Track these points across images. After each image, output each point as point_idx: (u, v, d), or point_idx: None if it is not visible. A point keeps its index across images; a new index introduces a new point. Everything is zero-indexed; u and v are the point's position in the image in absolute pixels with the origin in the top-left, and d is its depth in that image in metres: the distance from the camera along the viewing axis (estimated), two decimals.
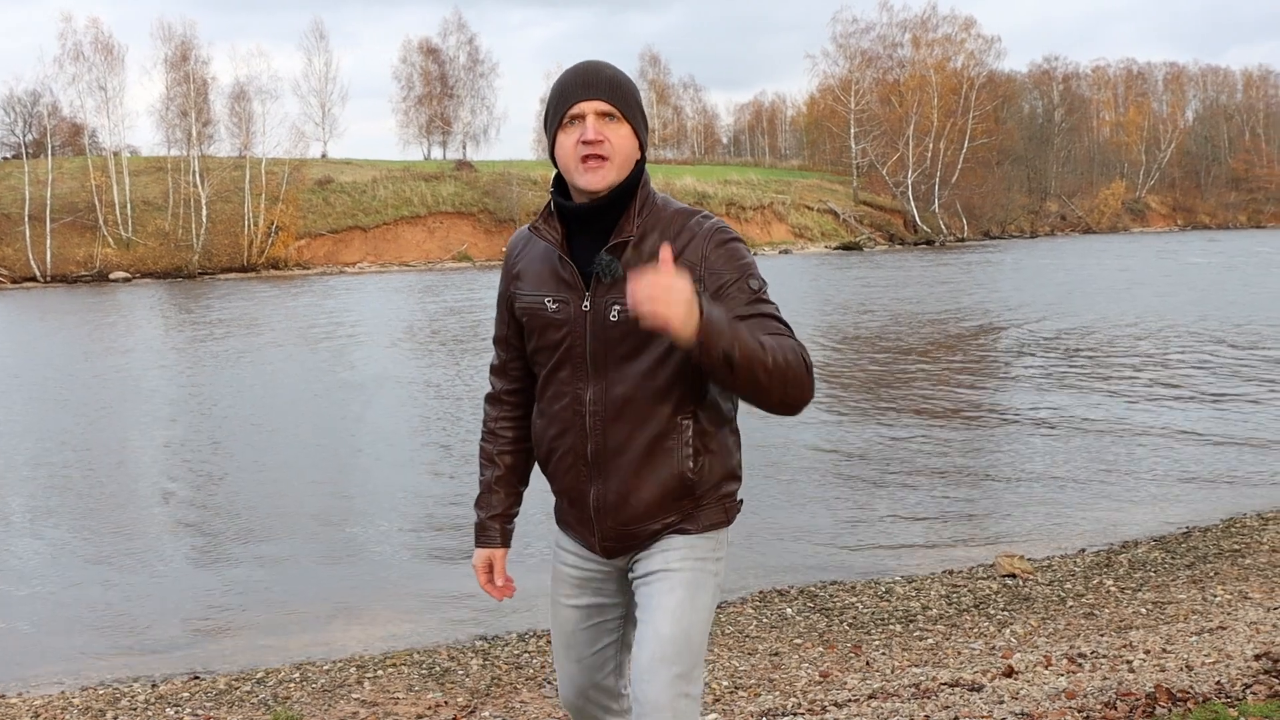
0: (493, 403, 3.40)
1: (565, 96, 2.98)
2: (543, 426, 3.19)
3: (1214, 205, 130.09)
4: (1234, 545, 8.93)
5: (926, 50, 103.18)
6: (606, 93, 2.98)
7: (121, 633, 8.07)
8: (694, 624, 3.04)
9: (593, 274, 2.98)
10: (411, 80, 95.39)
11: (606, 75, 3.01)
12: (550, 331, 3.07)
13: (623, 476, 3.05)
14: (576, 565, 3.26)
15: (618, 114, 2.98)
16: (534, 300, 3.10)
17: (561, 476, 3.17)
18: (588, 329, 3.00)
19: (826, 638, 6.93)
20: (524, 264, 3.16)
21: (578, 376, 3.05)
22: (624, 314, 2.87)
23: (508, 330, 3.27)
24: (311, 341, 27.36)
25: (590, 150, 2.94)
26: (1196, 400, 16.35)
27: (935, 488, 11.61)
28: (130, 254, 62.41)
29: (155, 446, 14.99)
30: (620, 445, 3.04)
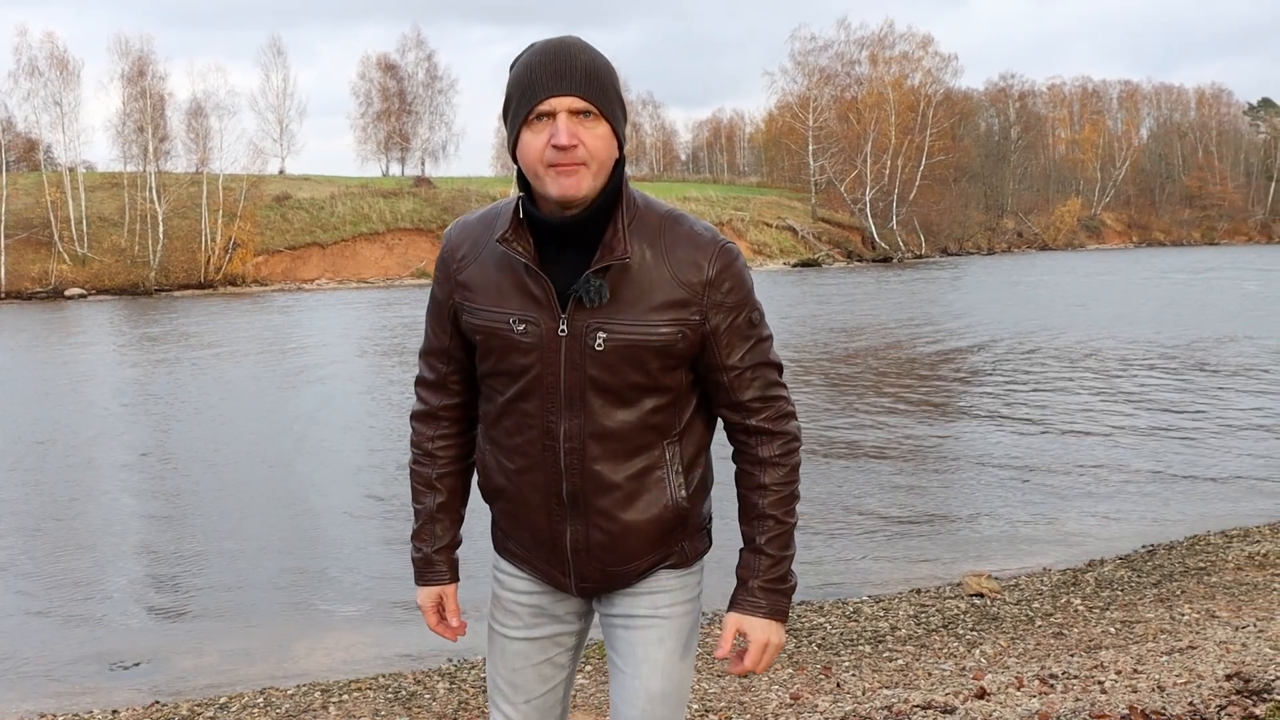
0: (427, 420, 2.93)
1: (532, 89, 2.52)
2: (498, 458, 2.79)
3: (1168, 222, 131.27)
4: (1199, 563, 8.95)
5: (884, 68, 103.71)
6: (582, 86, 2.51)
7: (78, 658, 7.93)
8: (685, 677, 2.87)
9: (571, 295, 2.58)
10: (370, 96, 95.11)
11: (582, 62, 2.53)
12: (515, 356, 2.65)
13: (610, 517, 2.71)
14: (529, 591, 2.90)
15: (595, 111, 2.53)
16: (494, 318, 2.66)
17: (526, 516, 2.78)
18: (563, 356, 2.61)
19: (795, 659, 6.89)
20: (474, 270, 2.71)
21: (549, 408, 2.66)
22: (610, 343, 2.59)
23: (449, 342, 2.83)
24: (270, 359, 27.17)
25: (562, 157, 2.49)
26: (1154, 415, 16.42)
27: (896, 506, 11.61)
28: (86, 270, 61.87)
29: (111, 466, 14.81)
30: (604, 483, 2.69)
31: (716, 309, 2.65)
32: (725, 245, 2.68)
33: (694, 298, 2.62)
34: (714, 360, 2.69)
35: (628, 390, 2.65)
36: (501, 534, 2.93)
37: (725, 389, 2.74)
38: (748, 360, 2.71)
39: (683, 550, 2.83)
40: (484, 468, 2.86)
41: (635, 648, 2.82)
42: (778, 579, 2.76)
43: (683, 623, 2.85)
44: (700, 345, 2.67)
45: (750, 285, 2.75)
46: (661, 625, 2.82)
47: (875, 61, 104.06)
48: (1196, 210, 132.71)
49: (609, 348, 2.60)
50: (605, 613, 2.91)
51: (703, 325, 2.64)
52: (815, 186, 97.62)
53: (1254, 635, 6.61)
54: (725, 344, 2.68)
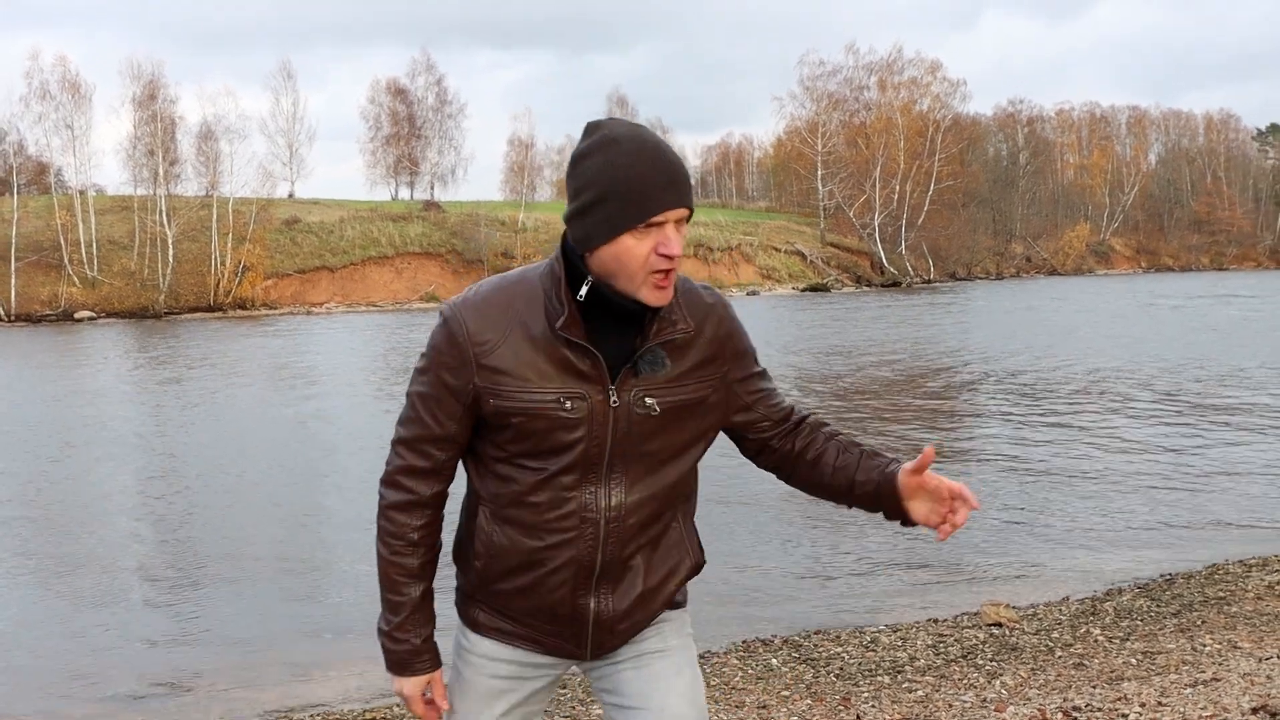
0: (412, 510, 2.81)
1: (647, 197, 2.51)
2: (512, 537, 2.73)
3: (1177, 247, 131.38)
4: (1219, 593, 8.86)
5: (893, 93, 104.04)
6: (688, 198, 2.57)
7: (78, 686, 7.84)
8: (704, 702, 2.90)
9: (624, 367, 2.62)
10: (379, 120, 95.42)
11: (684, 173, 2.58)
12: (560, 433, 2.62)
13: (637, 583, 2.77)
14: (513, 675, 2.87)
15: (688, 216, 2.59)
16: (539, 399, 2.60)
17: (545, 593, 2.74)
18: (612, 427, 2.63)
19: (814, 689, 6.82)
20: (501, 354, 2.62)
21: (589, 480, 2.66)
22: (662, 405, 2.66)
23: (456, 429, 2.73)
24: (279, 383, 27.16)
25: (668, 265, 2.53)
26: (1165, 442, 16.34)
27: (910, 533, 11.50)
28: (96, 293, 62.05)
29: (118, 489, 14.78)
30: (633, 550, 2.74)
31: (734, 358, 2.80)
32: (723, 300, 2.82)
33: (716, 354, 2.75)
34: (743, 401, 2.85)
35: (669, 454, 2.73)
36: (489, 614, 2.88)
37: (764, 416, 2.88)
38: (767, 387, 2.89)
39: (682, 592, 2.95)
40: (494, 550, 2.77)
41: (654, 683, 2.83)
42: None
43: (688, 654, 2.91)
44: (727, 394, 2.80)
45: (742, 328, 2.87)
46: (674, 655, 2.87)
47: (884, 87, 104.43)
48: (1205, 236, 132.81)
49: (662, 411, 2.67)
50: (608, 663, 2.90)
51: (727, 376, 2.78)
52: (824, 211, 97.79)
53: (1279, 667, 6.53)
54: (747, 384, 2.84)
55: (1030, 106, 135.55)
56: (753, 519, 11.99)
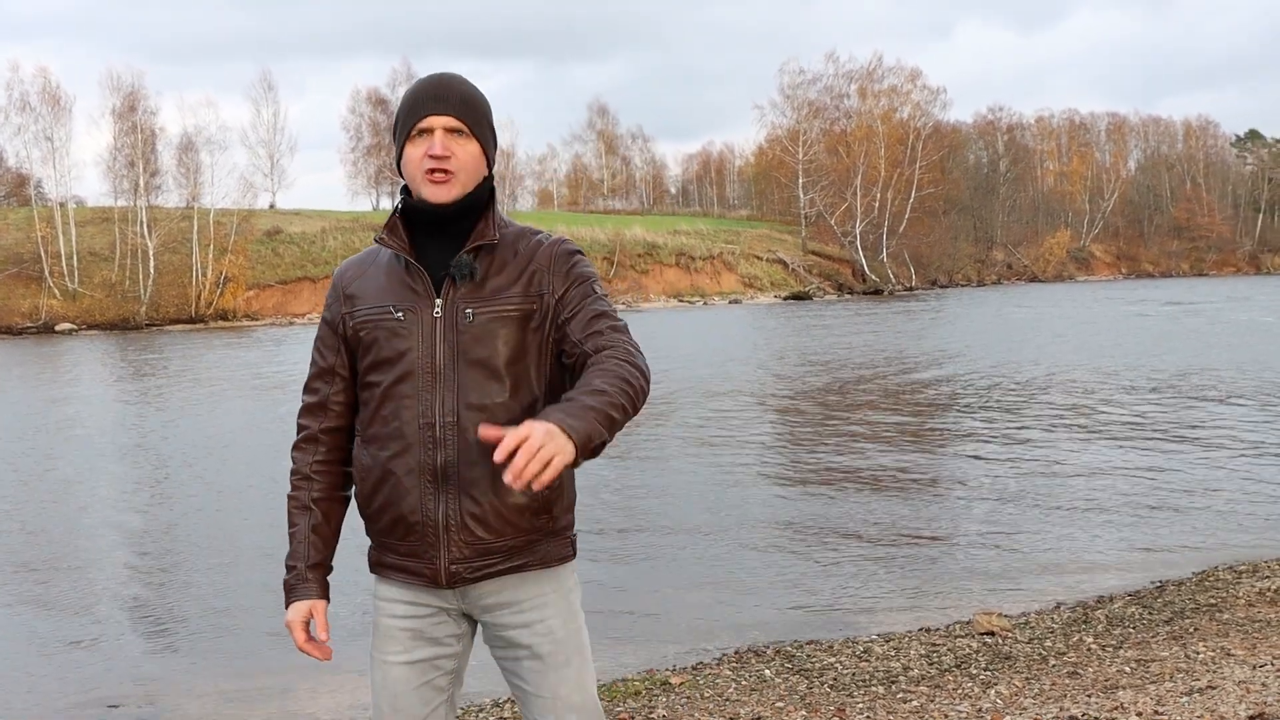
0: (308, 445, 3.19)
1: (415, 109, 2.97)
2: (372, 453, 3.01)
3: (1157, 254, 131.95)
4: (1210, 600, 8.86)
5: (873, 101, 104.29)
6: (456, 108, 2.96)
7: (72, 702, 7.78)
8: (593, 681, 3.13)
9: (443, 279, 2.95)
10: (360, 131, 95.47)
11: (458, 90, 2.99)
12: (395, 341, 2.96)
13: (480, 487, 2.92)
14: (407, 614, 3.09)
15: (466, 130, 2.97)
16: (376, 311, 3.00)
17: (398, 501, 2.96)
18: (439, 334, 2.93)
19: (809, 700, 6.79)
20: (359, 284, 3.07)
21: (424, 387, 2.93)
22: (477, 316, 2.93)
23: (335, 359, 3.13)
24: (259, 394, 27.09)
25: (436, 164, 2.92)
26: (1147, 448, 16.37)
27: (898, 541, 11.52)
28: (76, 305, 61.82)
29: (101, 503, 14.67)
30: (476, 454, 2.89)
31: (561, 280, 3.00)
32: (564, 240, 3.09)
33: (541, 276, 2.99)
34: (559, 319, 2.99)
35: (496, 363, 2.94)
36: (376, 550, 3.14)
37: (570, 337, 2.96)
38: (590, 313, 2.97)
39: (546, 551, 3.06)
40: (360, 470, 3.07)
41: (545, 673, 3.05)
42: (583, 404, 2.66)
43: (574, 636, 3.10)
44: (551, 316, 2.99)
45: (590, 268, 3.08)
46: (560, 646, 3.06)
47: (864, 95, 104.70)
48: (1185, 242, 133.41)
49: (477, 321, 2.93)
50: (500, 647, 3.12)
51: (549, 296, 2.98)
52: (805, 219, 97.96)
53: (1273, 674, 6.52)
54: (570, 303, 2.98)
55: (1010, 114, 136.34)
56: (741, 529, 11.97)
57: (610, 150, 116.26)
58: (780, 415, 21.16)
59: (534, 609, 3.07)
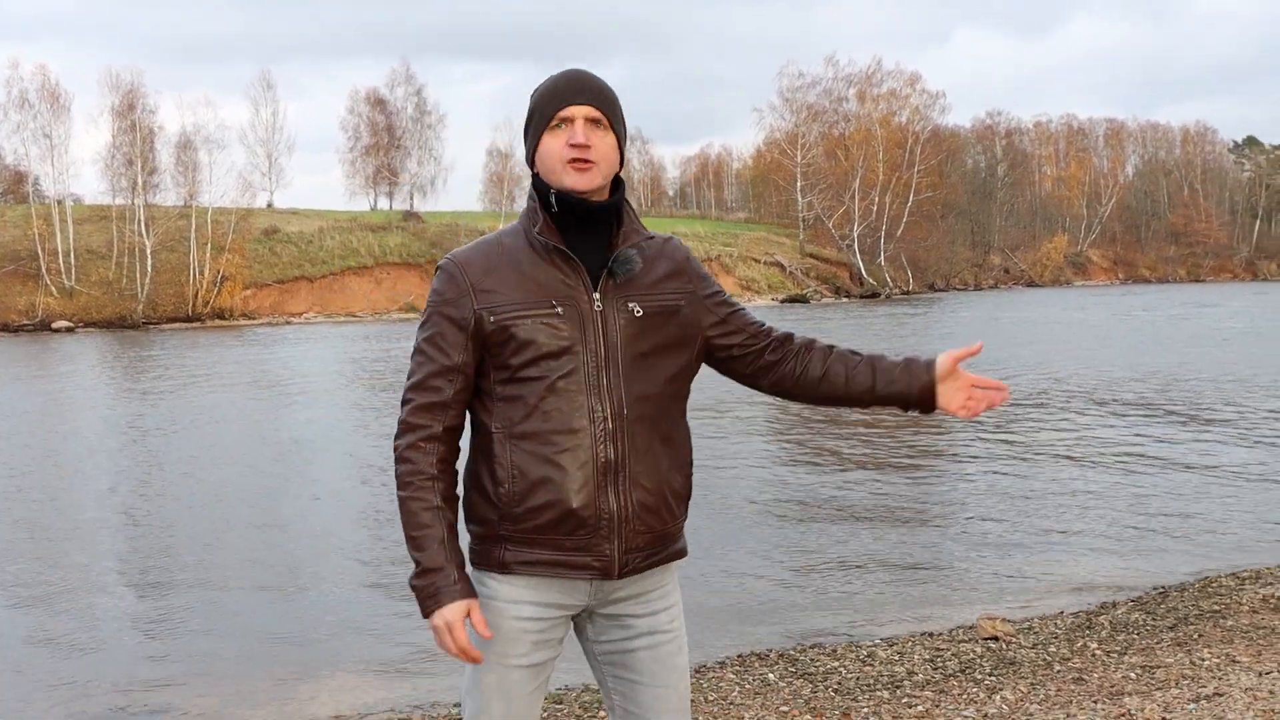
0: (430, 443, 2.99)
1: (555, 98, 2.97)
2: (532, 449, 2.91)
3: (1154, 259, 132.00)
4: (1213, 606, 8.83)
5: (872, 105, 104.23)
6: (596, 99, 2.98)
7: (69, 705, 7.75)
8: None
9: (600, 273, 2.95)
10: (359, 131, 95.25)
11: (596, 83, 3.02)
12: (556, 339, 2.89)
13: (650, 477, 2.97)
14: (534, 616, 3.00)
15: (605, 122, 2.98)
16: (529, 307, 2.91)
17: (567, 496, 2.89)
18: (602, 330, 2.93)
19: (813, 705, 6.75)
20: (494, 278, 2.96)
21: (591, 382, 2.92)
22: (641, 309, 2.97)
23: (462, 356, 2.97)
24: (258, 393, 27.04)
25: (579, 154, 2.91)
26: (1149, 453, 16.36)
27: (900, 544, 11.49)
28: (73, 303, 61.74)
29: (93, 501, 14.62)
30: (644, 446, 2.96)
31: (700, 279, 3.13)
32: (675, 238, 3.16)
33: (681, 270, 3.09)
34: (715, 315, 3.14)
35: (657, 356, 2.99)
36: (517, 548, 2.99)
37: (737, 331, 3.17)
38: (736, 305, 3.20)
39: (682, 540, 3.17)
40: (515, 470, 2.94)
41: (662, 662, 3.11)
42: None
43: (682, 630, 3.20)
44: (697, 311, 3.09)
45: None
46: (677, 636, 3.15)
47: (863, 98, 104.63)
48: (1182, 247, 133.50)
49: (643, 313, 2.97)
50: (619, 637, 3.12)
51: (695, 292, 3.09)
52: (803, 222, 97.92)
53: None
54: (714, 299, 3.14)
55: (1008, 119, 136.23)
56: (742, 531, 11.95)
57: None
58: (776, 418, 21.12)
59: (660, 598, 3.13)
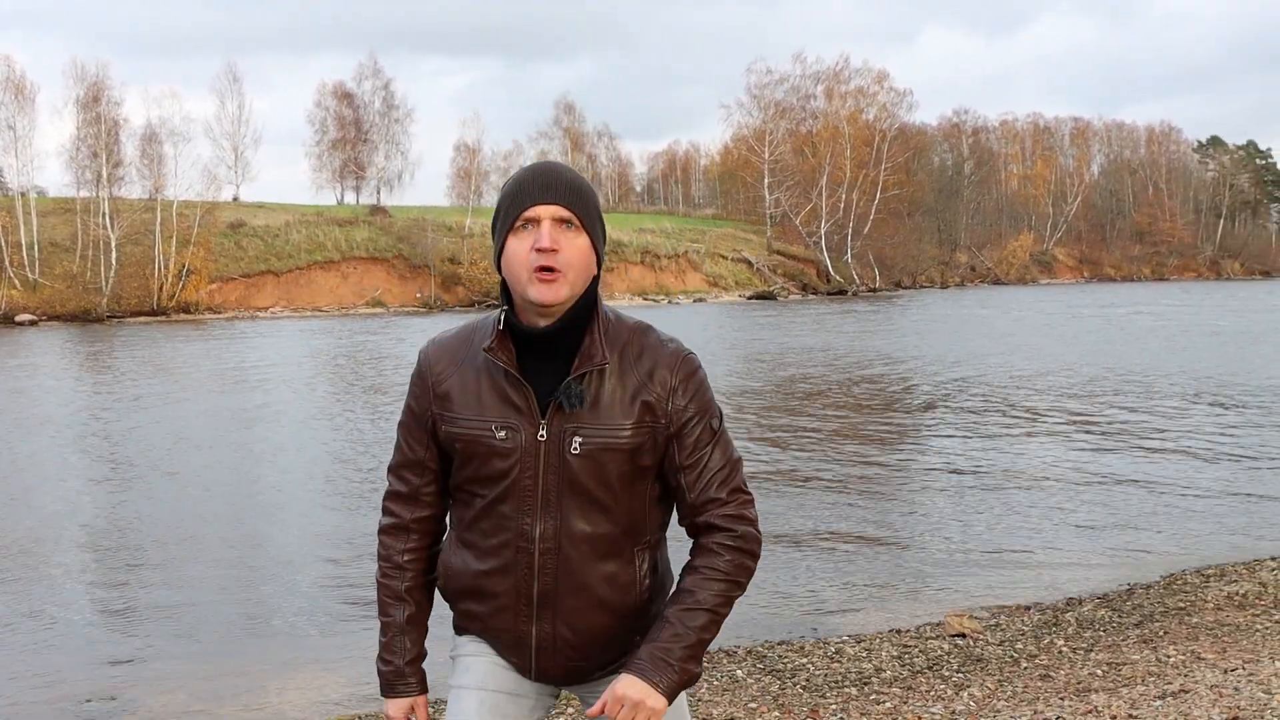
0: (397, 534, 2.99)
1: (520, 198, 2.72)
2: (467, 562, 2.88)
3: (1119, 258, 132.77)
4: (1179, 603, 8.89)
5: (839, 102, 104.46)
6: (566, 197, 2.72)
7: (38, 701, 7.69)
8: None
9: (550, 401, 2.74)
10: (325, 124, 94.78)
11: (566, 179, 2.75)
12: (495, 461, 2.77)
13: (577, 617, 2.83)
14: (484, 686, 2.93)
15: (576, 222, 2.73)
16: (475, 426, 2.78)
17: (491, 618, 2.88)
18: (542, 460, 2.75)
19: (781, 701, 6.76)
20: (452, 383, 2.84)
21: (525, 511, 2.78)
22: (585, 446, 2.74)
23: (425, 453, 2.93)
24: (223, 388, 26.90)
25: (544, 260, 2.66)
26: (1118, 450, 16.44)
27: (867, 542, 11.52)
28: (37, 296, 61.29)
29: (60, 497, 14.51)
30: (574, 585, 2.80)
31: (680, 414, 2.79)
32: (687, 355, 2.84)
33: (659, 404, 2.77)
34: (674, 463, 2.81)
35: (602, 493, 2.77)
36: (466, 625, 2.99)
37: (685, 490, 2.82)
38: (707, 462, 2.82)
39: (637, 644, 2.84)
40: (450, 570, 2.94)
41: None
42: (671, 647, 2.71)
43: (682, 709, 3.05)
44: (664, 449, 2.80)
45: (710, 393, 2.88)
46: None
47: (831, 96, 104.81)
48: (1147, 246, 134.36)
49: (585, 451, 2.74)
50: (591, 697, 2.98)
51: (667, 429, 2.78)
52: (771, 219, 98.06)
53: (1245, 679, 6.54)
54: (688, 448, 2.80)
55: (975, 117, 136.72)
56: None
57: (576, 148, 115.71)
58: (742, 415, 21.13)
59: None
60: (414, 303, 72.18)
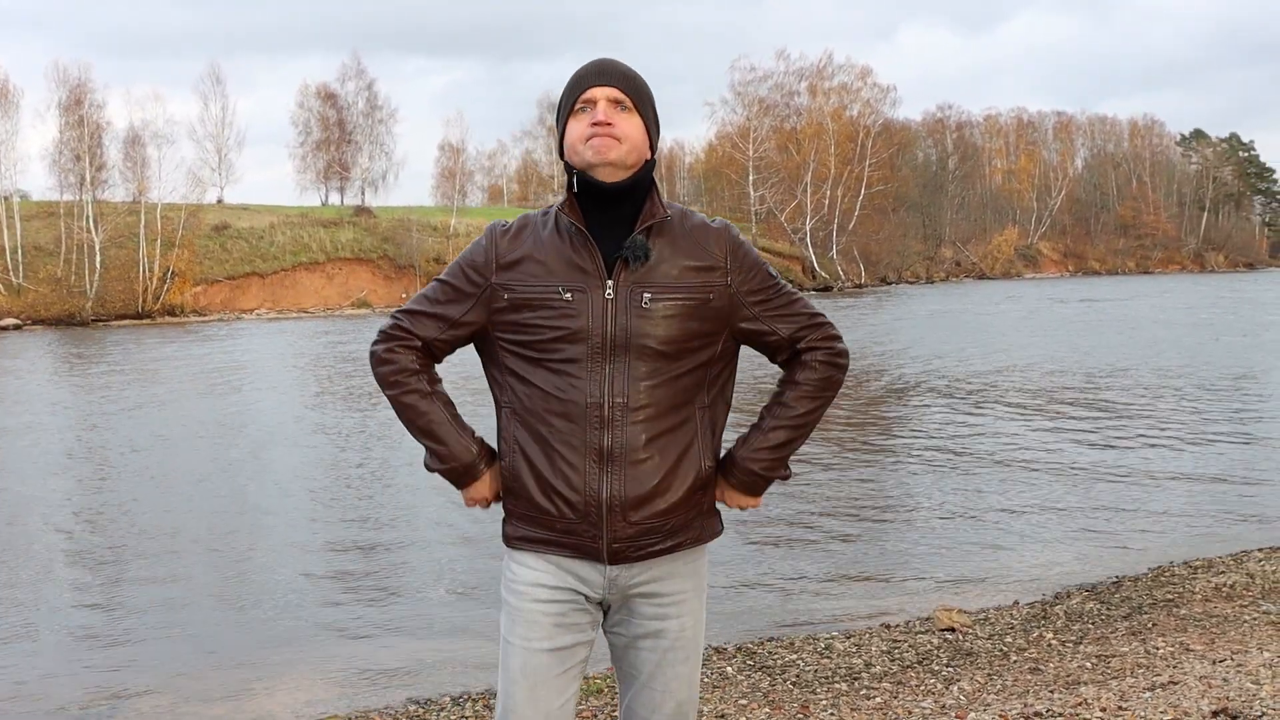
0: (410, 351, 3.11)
1: (579, 83, 3.00)
2: (531, 427, 3.00)
3: (1104, 251, 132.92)
4: (1167, 595, 8.91)
5: (823, 98, 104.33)
6: (620, 80, 3.00)
7: (12, 702, 7.66)
8: (699, 676, 3.23)
9: (616, 260, 2.93)
10: (309, 125, 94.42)
11: (620, 68, 3.03)
12: (563, 321, 2.93)
13: (647, 471, 2.96)
14: (550, 599, 3.04)
15: (629, 104, 2.99)
16: (541, 289, 2.95)
17: (561, 477, 2.96)
18: (612, 317, 2.92)
19: (771, 698, 6.76)
20: (519, 254, 3.01)
21: (594, 366, 2.93)
22: (654, 301, 2.93)
23: (458, 314, 3.07)
24: (209, 391, 26.83)
25: (600, 131, 2.92)
26: (1105, 442, 16.47)
27: (856, 537, 11.53)
28: (20, 301, 61.02)
29: (46, 501, 14.46)
30: (643, 439, 2.96)
31: (738, 270, 3.04)
32: (727, 224, 3.11)
33: (718, 263, 3.02)
34: (750, 314, 3.08)
35: (668, 348, 2.96)
36: (520, 523, 3.08)
37: (771, 333, 3.12)
38: (781, 303, 3.11)
39: (700, 527, 3.11)
40: (515, 445, 3.04)
41: (664, 667, 3.11)
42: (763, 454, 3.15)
43: (698, 635, 3.17)
44: (731, 305, 3.04)
45: (755, 249, 3.12)
46: (685, 643, 3.12)
47: (814, 92, 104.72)
48: (1131, 240, 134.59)
49: (654, 306, 2.93)
50: (628, 631, 3.14)
51: (729, 286, 3.03)
52: (755, 216, 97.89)
53: (1233, 669, 6.55)
54: (758, 296, 3.08)
55: (959, 112, 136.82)
56: None
57: None
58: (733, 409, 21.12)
59: (673, 603, 3.11)
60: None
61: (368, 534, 12.07)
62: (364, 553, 11.36)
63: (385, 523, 12.58)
